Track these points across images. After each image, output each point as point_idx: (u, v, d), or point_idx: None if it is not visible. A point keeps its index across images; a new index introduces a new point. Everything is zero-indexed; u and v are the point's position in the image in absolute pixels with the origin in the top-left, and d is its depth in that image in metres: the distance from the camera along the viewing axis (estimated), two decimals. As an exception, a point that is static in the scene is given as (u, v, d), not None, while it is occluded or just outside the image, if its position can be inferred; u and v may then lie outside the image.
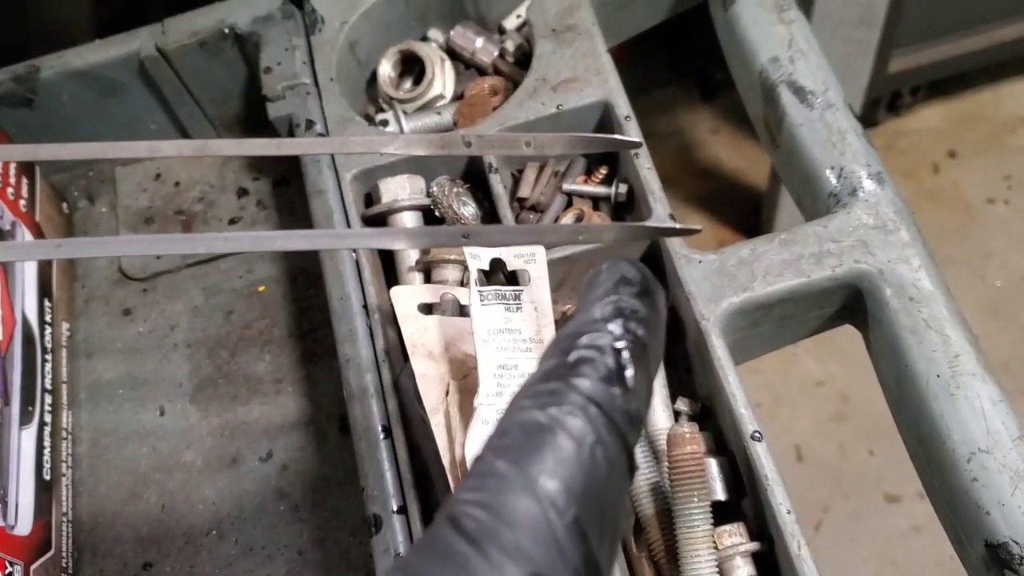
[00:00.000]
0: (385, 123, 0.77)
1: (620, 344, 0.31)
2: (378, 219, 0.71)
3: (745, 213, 1.98)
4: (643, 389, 0.31)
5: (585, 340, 0.31)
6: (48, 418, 0.72)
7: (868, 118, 2.01)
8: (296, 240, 0.34)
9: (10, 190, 0.76)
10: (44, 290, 0.77)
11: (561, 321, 0.67)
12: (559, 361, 0.31)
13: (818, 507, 1.72)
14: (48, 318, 0.76)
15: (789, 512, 0.55)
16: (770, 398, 1.81)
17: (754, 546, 0.58)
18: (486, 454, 0.29)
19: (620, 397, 0.30)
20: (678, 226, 0.35)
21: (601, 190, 0.73)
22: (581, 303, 0.32)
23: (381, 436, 0.62)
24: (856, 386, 1.79)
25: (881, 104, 2.01)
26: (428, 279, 0.69)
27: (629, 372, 0.30)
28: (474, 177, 0.74)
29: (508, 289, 0.58)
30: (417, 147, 0.36)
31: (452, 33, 0.82)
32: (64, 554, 0.70)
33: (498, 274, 0.66)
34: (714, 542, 0.57)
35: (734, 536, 0.58)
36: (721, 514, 0.59)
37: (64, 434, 0.74)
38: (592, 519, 0.28)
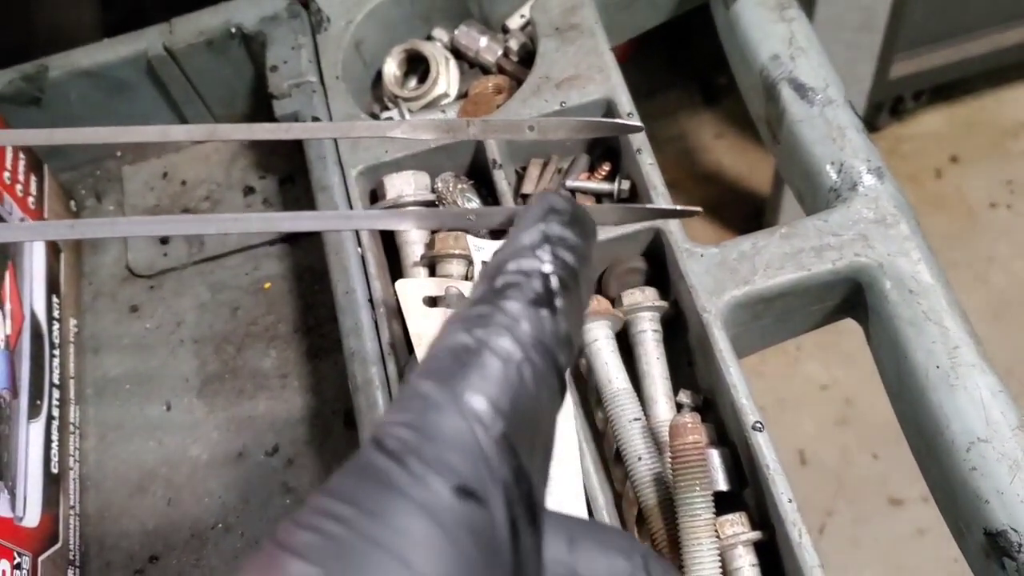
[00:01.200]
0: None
1: (547, 268, 0.31)
2: (383, 215, 0.71)
3: (748, 217, 1.98)
4: (573, 313, 0.31)
5: (512, 266, 0.31)
6: (56, 412, 0.73)
7: (870, 123, 2.02)
8: (304, 221, 0.34)
9: (19, 187, 0.77)
10: (52, 286, 0.77)
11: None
12: (487, 287, 0.30)
13: (822, 511, 1.72)
14: (56, 314, 0.77)
15: (790, 501, 0.56)
16: (773, 402, 1.82)
17: (756, 535, 0.58)
18: (412, 378, 0.29)
19: (548, 319, 0.29)
20: (678, 207, 0.36)
21: (604, 186, 0.74)
22: (510, 234, 0.32)
23: (386, 427, 0.62)
24: (860, 390, 1.80)
25: (883, 109, 2.01)
26: (433, 274, 0.70)
27: (557, 295, 0.30)
28: (478, 173, 0.75)
29: (512, 281, 0.59)
30: (423, 131, 0.37)
31: (456, 32, 0.82)
32: (71, 546, 0.70)
33: (502, 268, 0.67)
34: (716, 531, 0.58)
35: (736, 525, 0.59)
36: (723, 505, 0.59)
37: (71, 428, 0.75)
38: (521, 435, 0.28)
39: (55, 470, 0.71)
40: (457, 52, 0.83)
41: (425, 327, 0.62)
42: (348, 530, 0.25)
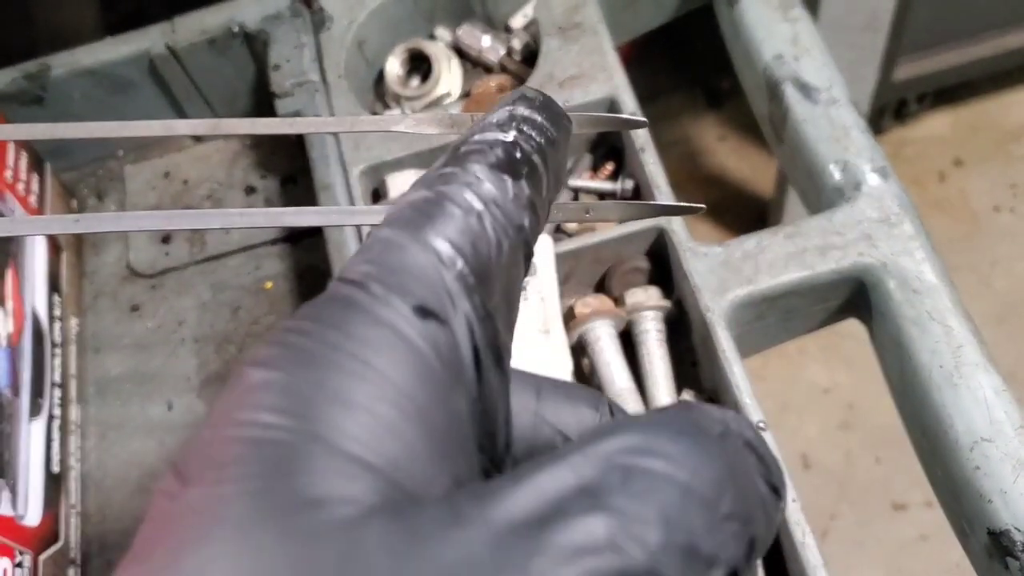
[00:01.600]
0: (392, 120, 0.77)
1: (510, 138, 0.31)
2: (385, 214, 0.71)
3: (751, 220, 1.98)
4: (537, 188, 0.31)
5: (476, 137, 0.31)
6: (57, 411, 0.73)
7: (874, 126, 2.01)
8: (308, 216, 0.34)
9: (21, 185, 0.77)
10: (53, 285, 0.77)
11: (567, 315, 0.67)
12: (450, 156, 0.31)
13: (825, 515, 1.72)
14: (57, 313, 0.77)
15: (794, 501, 0.56)
16: (776, 406, 1.81)
17: (758, 535, 0.58)
18: (374, 229, 0.29)
19: (511, 183, 0.30)
20: (681, 204, 0.35)
21: (607, 185, 0.74)
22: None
23: (387, 426, 0.62)
24: (863, 394, 1.79)
25: (887, 112, 2.01)
26: (434, 273, 0.70)
27: (521, 164, 0.30)
28: (480, 173, 0.75)
29: (514, 280, 0.58)
30: (427, 126, 0.36)
31: (459, 32, 0.82)
32: (72, 546, 0.70)
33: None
34: (718, 531, 0.57)
35: (738, 526, 0.58)
36: (726, 504, 0.59)
37: (73, 427, 0.75)
38: (482, 278, 0.28)
39: (56, 469, 0.71)
40: (460, 51, 0.83)
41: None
42: (310, 339, 0.26)
